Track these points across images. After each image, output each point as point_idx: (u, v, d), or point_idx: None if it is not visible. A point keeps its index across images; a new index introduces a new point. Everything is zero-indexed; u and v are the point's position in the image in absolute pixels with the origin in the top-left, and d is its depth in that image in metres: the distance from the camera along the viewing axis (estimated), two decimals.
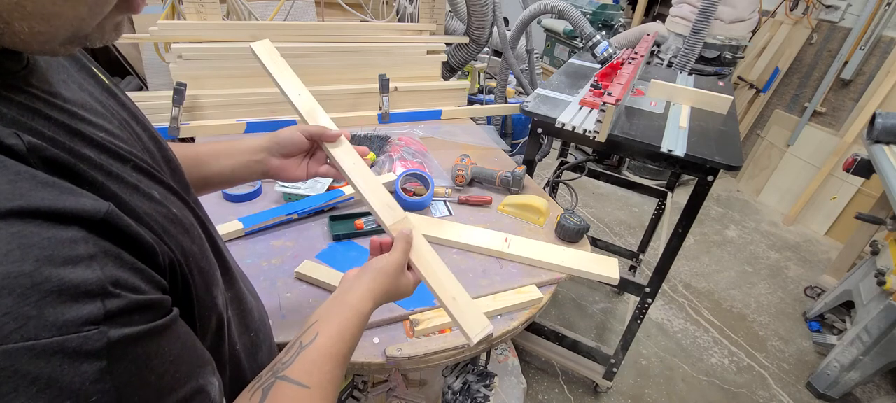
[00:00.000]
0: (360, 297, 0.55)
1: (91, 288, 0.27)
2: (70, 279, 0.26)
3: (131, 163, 0.37)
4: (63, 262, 0.26)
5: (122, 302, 0.28)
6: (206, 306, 0.41)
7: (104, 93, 0.42)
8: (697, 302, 2.38)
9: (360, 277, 0.58)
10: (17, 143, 0.28)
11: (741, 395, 1.91)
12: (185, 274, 0.37)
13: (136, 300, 0.30)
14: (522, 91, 2.23)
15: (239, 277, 0.56)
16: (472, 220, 1.20)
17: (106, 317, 0.27)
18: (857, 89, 2.99)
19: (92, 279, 0.27)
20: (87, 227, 0.28)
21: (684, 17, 2.80)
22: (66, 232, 0.27)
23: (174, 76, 1.41)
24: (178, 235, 0.38)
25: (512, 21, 2.05)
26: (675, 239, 1.33)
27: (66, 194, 0.28)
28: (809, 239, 3.04)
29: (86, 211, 0.28)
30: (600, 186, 3.24)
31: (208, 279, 0.42)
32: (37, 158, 0.29)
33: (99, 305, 0.27)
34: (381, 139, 1.47)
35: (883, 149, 1.82)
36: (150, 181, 0.38)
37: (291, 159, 0.70)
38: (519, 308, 0.96)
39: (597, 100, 1.32)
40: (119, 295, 0.28)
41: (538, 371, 1.90)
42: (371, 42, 1.67)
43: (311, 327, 0.51)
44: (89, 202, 0.29)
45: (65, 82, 0.37)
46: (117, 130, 0.39)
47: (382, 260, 0.59)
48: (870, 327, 1.76)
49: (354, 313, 0.53)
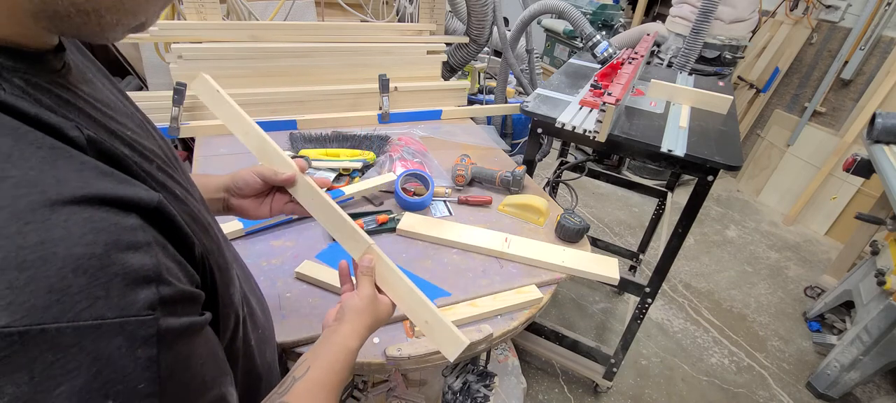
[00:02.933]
0: (345, 335, 0.57)
1: (149, 273, 0.28)
2: (132, 264, 0.27)
3: (155, 163, 0.38)
4: (126, 247, 0.27)
5: (172, 291, 0.30)
6: (226, 303, 0.43)
7: (120, 96, 0.44)
8: (697, 302, 2.38)
9: (339, 321, 0.59)
10: (78, 136, 0.30)
11: (741, 395, 1.91)
12: (212, 270, 0.39)
13: (182, 290, 0.31)
14: (522, 91, 2.23)
15: (244, 275, 0.58)
16: (472, 220, 1.20)
17: (160, 302, 0.28)
18: (857, 89, 2.99)
19: (149, 265, 0.28)
20: (143, 216, 0.30)
21: (684, 17, 2.80)
22: (127, 219, 0.28)
23: (174, 76, 1.41)
24: (200, 233, 0.39)
25: (512, 21, 2.05)
26: (675, 239, 1.33)
27: (124, 184, 0.30)
28: (809, 239, 3.04)
29: (142, 200, 0.30)
30: (600, 186, 3.24)
31: (226, 277, 0.43)
32: (94, 150, 0.30)
33: (154, 290, 0.28)
34: (381, 139, 1.47)
35: (883, 149, 1.82)
36: (169, 180, 0.39)
37: (252, 199, 0.69)
38: (519, 308, 0.96)
39: (597, 100, 1.32)
40: (169, 282, 0.29)
41: (538, 371, 1.90)
42: (371, 42, 1.67)
43: (303, 363, 0.53)
44: (144, 192, 0.30)
45: (92, 82, 0.38)
46: (138, 130, 0.40)
47: (353, 299, 0.60)
48: (870, 327, 1.76)
49: (341, 348, 0.55)
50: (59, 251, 0.25)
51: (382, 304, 0.63)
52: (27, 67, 0.30)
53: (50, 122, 0.29)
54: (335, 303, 0.63)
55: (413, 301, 0.62)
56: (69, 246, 0.25)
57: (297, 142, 1.43)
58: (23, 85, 0.29)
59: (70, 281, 0.25)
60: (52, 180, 0.26)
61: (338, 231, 0.65)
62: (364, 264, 0.63)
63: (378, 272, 0.63)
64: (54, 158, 0.27)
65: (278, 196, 0.70)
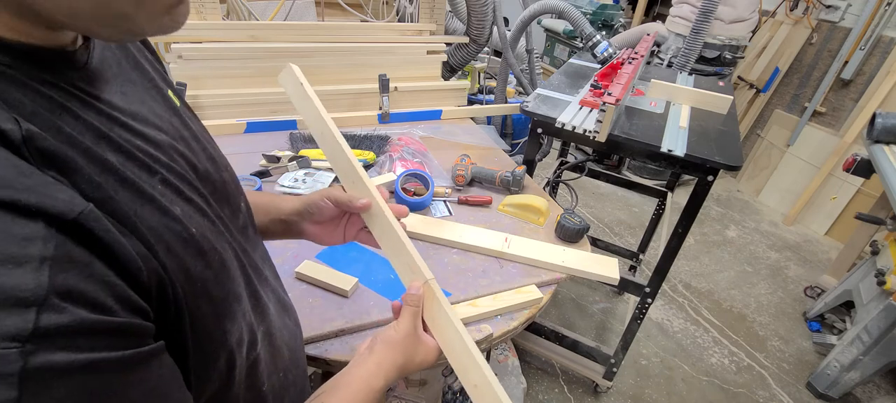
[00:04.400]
0: (370, 372, 0.51)
1: (24, 295, 0.22)
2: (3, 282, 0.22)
3: (159, 175, 0.35)
4: (5, 260, 0.22)
5: (65, 320, 0.23)
6: (211, 340, 0.37)
7: (169, 111, 0.43)
8: (697, 302, 2.38)
9: (370, 350, 0.54)
10: (12, 128, 0.26)
11: (741, 395, 1.91)
12: (179, 298, 0.33)
13: (90, 320, 0.25)
14: (522, 91, 2.23)
15: (276, 312, 0.53)
16: (472, 220, 1.20)
17: (33, 335, 0.22)
18: (857, 89, 2.99)
19: (29, 285, 0.23)
20: (57, 226, 0.25)
21: (684, 17, 2.80)
22: (24, 227, 0.24)
23: (174, 76, 1.41)
24: (187, 257, 0.35)
25: (512, 21, 2.05)
26: (675, 239, 1.33)
27: (41, 187, 0.25)
28: (809, 239, 3.04)
29: (54, 208, 0.25)
30: (600, 186, 3.24)
31: (220, 309, 0.38)
32: (33, 147, 0.27)
33: (28, 317, 0.22)
34: (381, 139, 1.47)
35: (883, 149, 1.82)
36: (174, 196, 0.36)
37: (326, 224, 0.66)
38: (519, 308, 0.96)
39: (597, 100, 1.32)
40: (63, 309, 0.23)
41: (538, 371, 1.90)
42: (371, 42, 1.67)
43: (319, 397, 0.48)
44: (64, 198, 0.26)
45: (124, 94, 0.38)
46: (165, 145, 0.38)
47: (389, 330, 0.54)
48: (870, 327, 1.76)
49: (362, 386, 0.50)
50: None
51: (423, 344, 0.55)
52: (9, 60, 0.29)
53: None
54: (335, 304, 0.61)
55: (463, 354, 0.53)
56: None
57: (297, 142, 1.42)
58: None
59: None
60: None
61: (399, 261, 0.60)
62: (411, 293, 0.55)
63: (427, 308, 0.56)
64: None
65: (354, 220, 0.66)
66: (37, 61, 0.31)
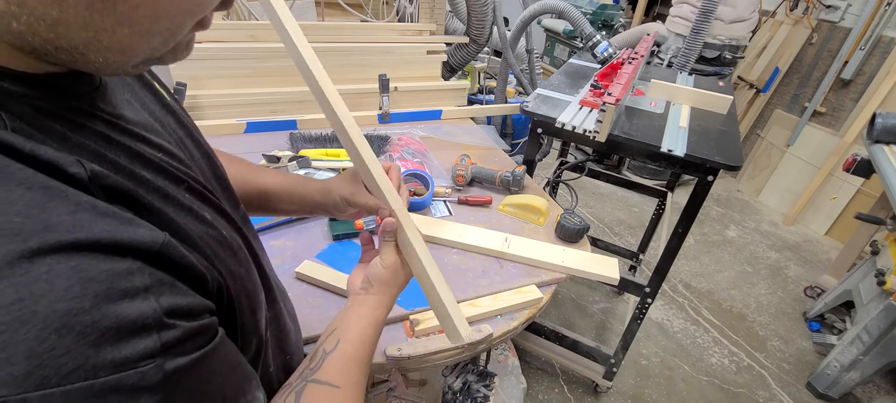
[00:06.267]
0: (373, 307, 0.56)
1: (148, 321, 0.27)
2: (127, 314, 0.26)
3: (186, 184, 0.37)
4: (120, 296, 0.26)
5: (177, 333, 0.28)
6: (249, 329, 0.41)
7: (163, 110, 0.43)
8: (697, 301, 2.38)
9: (367, 291, 0.57)
10: (79, 172, 0.28)
11: (741, 395, 1.91)
12: (231, 297, 0.38)
13: (189, 328, 0.30)
14: (522, 91, 2.23)
15: (280, 296, 0.56)
16: (472, 220, 1.20)
17: (162, 350, 0.27)
18: (857, 89, 2.99)
19: (148, 312, 0.27)
20: (144, 258, 0.28)
21: (684, 17, 2.80)
22: (122, 263, 0.27)
23: (174, 76, 1.41)
24: (227, 258, 0.38)
25: (512, 21, 2.05)
26: (675, 239, 1.33)
27: (124, 225, 0.28)
28: (809, 239, 3.04)
29: (143, 243, 0.28)
30: (600, 186, 3.24)
31: (254, 301, 0.42)
32: (98, 186, 0.29)
33: (155, 338, 0.27)
34: (381, 139, 1.47)
35: (883, 149, 1.82)
36: (202, 202, 0.38)
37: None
38: (519, 308, 0.96)
39: (597, 100, 1.32)
40: (174, 325, 0.28)
41: (538, 371, 1.90)
42: (371, 42, 1.67)
43: (332, 335, 0.52)
44: (146, 233, 0.29)
45: (129, 102, 0.38)
46: (174, 149, 0.39)
47: (378, 269, 0.57)
48: (870, 327, 1.76)
49: (370, 320, 0.54)
50: (40, 309, 0.23)
51: (405, 268, 0.59)
52: (40, 94, 0.29)
53: (46, 158, 0.27)
54: (335, 304, 0.62)
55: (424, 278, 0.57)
56: (51, 302, 0.23)
57: (297, 141, 1.42)
58: (31, 112, 0.28)
59: (53, 343, 0.23)
60: (39, 226, 0.24)
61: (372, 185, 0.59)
62: (386, 228, 0.57)
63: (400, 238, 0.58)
64: (45, 200, 0.25)
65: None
66: (61, 90, 0.31)
